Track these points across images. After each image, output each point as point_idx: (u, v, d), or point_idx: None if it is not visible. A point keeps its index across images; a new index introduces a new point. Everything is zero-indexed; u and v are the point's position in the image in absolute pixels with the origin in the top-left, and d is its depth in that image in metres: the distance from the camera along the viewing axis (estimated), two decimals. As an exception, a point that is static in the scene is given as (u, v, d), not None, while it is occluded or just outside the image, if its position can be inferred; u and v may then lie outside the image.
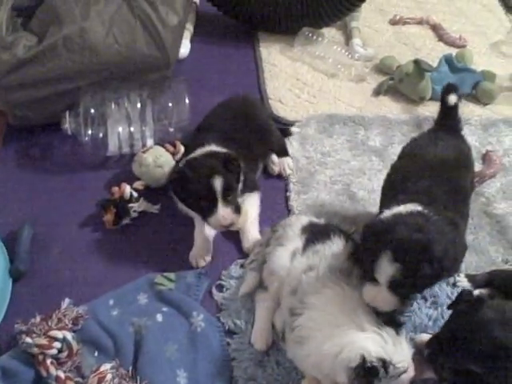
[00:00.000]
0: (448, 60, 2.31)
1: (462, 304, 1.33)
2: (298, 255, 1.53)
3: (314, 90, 2.32)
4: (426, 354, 1.37)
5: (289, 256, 1.54)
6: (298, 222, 1.64)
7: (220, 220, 1.65)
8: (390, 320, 1.35)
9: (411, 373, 1.31)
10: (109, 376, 1.39)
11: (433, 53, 2.48)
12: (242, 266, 1.72)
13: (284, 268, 1.53)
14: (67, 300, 1.58)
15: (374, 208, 1.87)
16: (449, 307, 1.39)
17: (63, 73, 1.97)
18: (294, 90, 2.32)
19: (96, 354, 1.51)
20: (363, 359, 1.26)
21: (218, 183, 1.63)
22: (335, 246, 1.52)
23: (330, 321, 1.34)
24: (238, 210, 1.68)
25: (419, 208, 1.43)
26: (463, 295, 1.35)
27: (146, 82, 2.08)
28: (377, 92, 2.32)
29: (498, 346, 1.25)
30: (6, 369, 1.46)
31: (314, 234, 1.56)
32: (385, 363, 1.26)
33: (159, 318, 1.57)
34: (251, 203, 1.82)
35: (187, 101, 2.03)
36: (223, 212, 1.64)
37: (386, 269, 1.34)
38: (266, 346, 1.53)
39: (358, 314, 1.33)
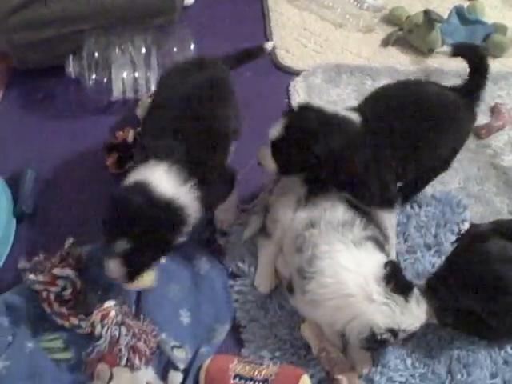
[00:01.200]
0: (459, 11, 2.26)
1: (466, 237, 1.33)
2: (300, 207, 1.52)
3: (321, 39, 2.28)
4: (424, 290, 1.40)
5: (291, 206, 1.53)
6: None
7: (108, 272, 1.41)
8: (400, 285, 1.34)
9: None
10: (112, 313, 1.38)
11: (444, 4, 2.42)
12: (243, 211, 1.72)
13: (287, 218, 1.52)
14: (70, 239, 1.57)
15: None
16: (453, 243, 1.39)
17: (67, 15, 1.93)
18: (300, 39, 2.27)
19: (99, 292, 1.52)
20: (372, 332, 1.29)
21: (119, 246, 1.37)
22: (333, 197, 1.51)
23: (340, 290, 1.34)
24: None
25: None
26: (469, 228, 1.35)
27: (151, 27, 2.04)
28: (385, 43, 2.28)
29: (498, 280, 1.26)
30: (10, 304, 1.48)
31: (315, 185, 1.55)
32: (393, 331, 1.30)
33: (162, 259, 1.57)
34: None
35: (192, 46, 2.00)
36: (112, 266, 1.39)
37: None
38: (269, 289, 1.54)
39: (368, 284, 1.33)
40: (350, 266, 1.35)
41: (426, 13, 2.21)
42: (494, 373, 1.42)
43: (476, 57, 1.61)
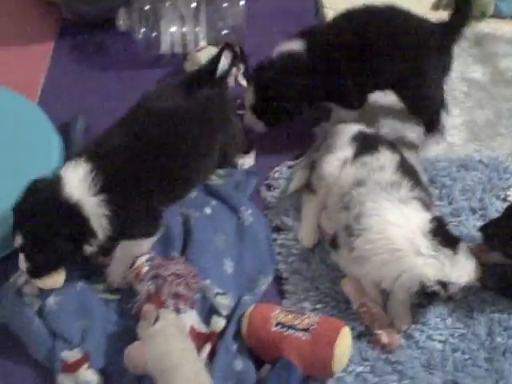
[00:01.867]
0: (513, -25, 2.22)
1: None
2: (347, 165, 1.53)
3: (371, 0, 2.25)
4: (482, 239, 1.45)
5: (338, 164, 1.54)
6: (347, 130, 1.63)
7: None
8: (447, 238, 1.36)
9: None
10: (144, 269, 1.42)
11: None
12: (290, 167, 1.73)
13: (333, 175, 1.53)
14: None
15: (427, 121, 1.86)
16: None
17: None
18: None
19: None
20: (422, 286, 1.31)
21: (17, 240, 1.34)
22: (383, 158, 1.51)
23: (387, 245, 1.35)
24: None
25: None
26: None
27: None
28: (436, 6, 2.24)
29: None
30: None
31: (363, 145, 1.55)
32: (444, 284, 1.31)
33: (208, 210, 1.61)
34: None
35: (242, 3, 2.00)
36: (20, 258, 1.36)
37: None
38: (312, 243, 1.56)
39: (415, 238, 1.34)
40: (396, 221, 1.36)
41: (480, -23, 2.17)
42: (535, 336, 1.42)
43: None
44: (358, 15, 1.72)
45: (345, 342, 1.33)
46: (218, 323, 1.40)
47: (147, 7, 1.96)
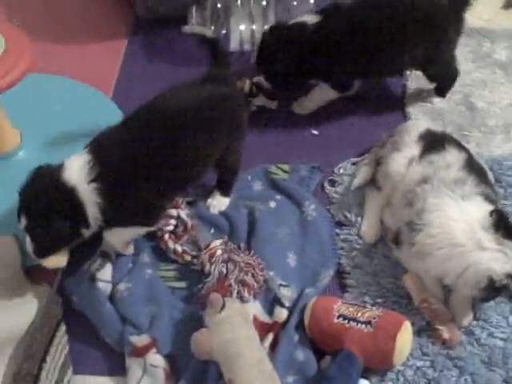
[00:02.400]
0: None
1: None
2: (413, 163, 1.55)
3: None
4: None
5: (405, 162, 1.56)
6: (415, 128, 1.65)
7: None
8: (509, 231, 1.36)
9: None
10: (219, 252, 1.49)
11: None
12: (354, 163, 1.76)
13: (399, 174, 1.56)
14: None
15: (494, 120, 1.85)
16: None
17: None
18: None
19: (212, 230, 1.62)
20: (491, 280, 1.31)
21: (22, 222, 1.40)
22: (449, 157, 1.52)
23: (449, 240, 1.37)
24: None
25: None
26: None
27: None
28: (508, 5, 2.23)
29: None
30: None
31: (430, 143, 1.57)
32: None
33: (272, 204, 1.65)
34: None
35: (312, 1, 2.03)
36: (27, 240, 1.42)
37: None
38: (374, 239, 1.58)
39: (476, 232, 1.35)
40: (456, 216, 1.38)
41: (553, -24, 2.14)
42: None
43: None
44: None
45: (406, 336, 1.34)
46: (281, 314, 1.44)
47: (219, 5, 2.02)
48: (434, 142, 1.56)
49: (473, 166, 1.51)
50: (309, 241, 1.60)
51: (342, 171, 1.74)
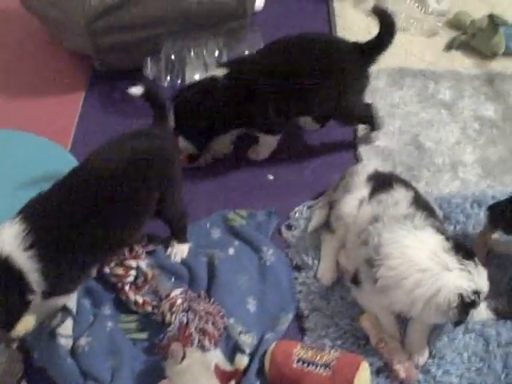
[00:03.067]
0: (524, 16, 2.29)
1: None
2: (364, 203, 1.60)
3: (385, 43, 2.34)
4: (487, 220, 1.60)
5: (356, 204, 1.61)
6: (364, 170, 1.70)
7: None
8: (467, 254, 1.42)
9: None
10: (179, 301, 1.51)
11: (509, 9, 2.44)
12: (309, 207, 1.80)
13: (351, 215, 1.61)
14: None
15: (441, 159, 1.92)
16: None
17: (147, 19, 2.06)
18: (366, 43, 2.34)
19: (172, 279, 1.64)
20: (461, 297, 1.36)
21: None
22: (397, 195, 1.57)
23: (414, 267, 1.40)
24: None
25: None
26: None
27: (223, 31, 2.15)
28: (449, 47, 2.32)
29: None
30: (91, 289, 1.61)
31: (378, 184, 1.62)
32: (478, 294, 1.38)
33: (231, 251, 1.69)
34: None
35: (262, 48, 2.10)
36: None
37: None
38: (331, 282, 1.62)
39: (439, 256, 1.40)
40: (413, 244, 1.43)
41: (491, 17, 2.24)
42: (550, 370, 1.46)
43: (387, 20, 1.80)
44: (280, 46, 1.85)
45: (364, 377, 1.38)
46: (242, 361, 1.46)
47: (173, 56, 2.07)
48: (381, 183, 1.62)
49: (420, 203, 1.56)
50: (268, 286, 1.63)
51: (297, 215, 1.79)
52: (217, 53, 2.09)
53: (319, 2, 2.56)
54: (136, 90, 1.66)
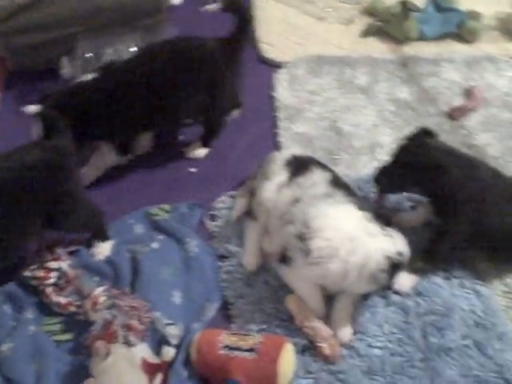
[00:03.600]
0: (434, 0, 2.36)
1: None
2: (283, 188, 1.62)
3: (303, 33, 2.38)
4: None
5: (274, 189, 1.63)
6: (280, 156, 1.73)
7: None
8: (385, 220, 1.53)
9: None
10: (101, 298, 1.50)
11: (420, -6, 2.53)
12: (232, 197, 1.82)
13: (270, 200, 1.63)
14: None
15: (359, 142, 1.97)
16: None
17: (59, 18, 2.04)
18: (284, 33, 2.38)
19: (97, 278, 1.63)
20: (389, 259, 1.47)
21: None
22: (315, 177, 1.61)
23: (347, 236, 1.46)
24: None
25: None
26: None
27: (140, 27, 2.14)
28: (365, 33, 2.38)
29: (437, 165, 1.56)
30: (12, 294, 1.59)
31: (296, 168, 1.65)
32: (402, 255, 1.50)
33: (154, 245, 1.69)
34: None
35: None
36: None
37: None
38: (255, 267, 1.64)
39: (364, 224, 1.48)
40: (342, 216, 1.50)
41: (403, 3, 2.30)
42: (465, 334, 1.52)
43: (240, 10, 1.84)
44: (146, 54, 1.83)
45: (288, 358, 1.41)
46: (169, 353, 1.47)
47: (89, 54, 2.05)
48: (299, 167, 1.65)
49: (339, 183, 1.60)
50: (192, 276, 1.64)
51: (220, 205, 1.80)
52: (133, 49, 2.07)
53: (238, -6, 2.58)
54: (32, 109, 1.63)
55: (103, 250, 1.68)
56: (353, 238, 1.46)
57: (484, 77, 2.20)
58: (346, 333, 1.51)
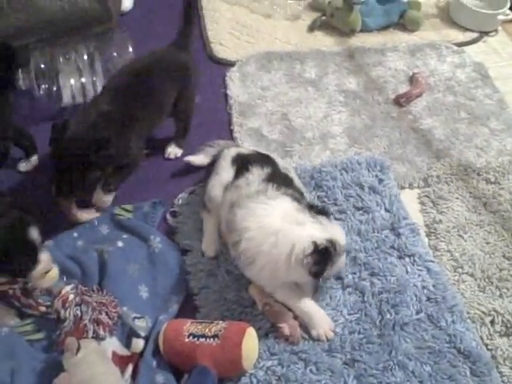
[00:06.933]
0: (375, -8, 2.47)
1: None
2: (228, 188, 1.69)
3: (252, 30, 2.47)
4: None
5: (221, 188, 1.71)
6: (229, 152, 1.80)
7: None
8: (320, 211, 1.56)
9: None
10: (71, 296, 1.55)
11: (362, -13, 2.62)
12: (191, 192, 1.89)
13: (218, 197, 1.71)
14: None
15: (311, 133, 2.05)
16: None
17: (11, 31, 2.08)
18: (233, 32, 2.46)
19: (65, 278, 1.67)
20: (315, 244, 1.47)
21: None
22: (251, 177, 1.66)
23: (268, 231, 1.51)
24: None
25: None
26: None
27: (92, 35, 2.20)
28: (311, 28, 2.48)
29: None
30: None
31: (239, 168, 1.71)
32: (332, 243, 1.49)
33: (120, 243, 1.74)
34: None
35: (131, 50, 2.17)
36: None
37: None
38: (214, 253, 1.73)
39: (292, 215, 1.52)
40: (266, 212, 1.55)
41: (345, -3, 2.40)
42: (418, 309, 1.61)
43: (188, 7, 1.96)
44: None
45: (251, 341, 1.48)
46: (138, 344, 1.53)
47: (43, 65, 2.10)
48: (242, 166, 1.71)
49: (275, 177, 1.66)
50: (158, 271, 1.70)
51: (181, 202, 1.87)
52: (86, 57, 2.12)
53: (187, -3, 2.64)
54: None
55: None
56: (277, 231, 1.50)
57: (427, 63, 2.31)
58: (328, 321, 1.57)
